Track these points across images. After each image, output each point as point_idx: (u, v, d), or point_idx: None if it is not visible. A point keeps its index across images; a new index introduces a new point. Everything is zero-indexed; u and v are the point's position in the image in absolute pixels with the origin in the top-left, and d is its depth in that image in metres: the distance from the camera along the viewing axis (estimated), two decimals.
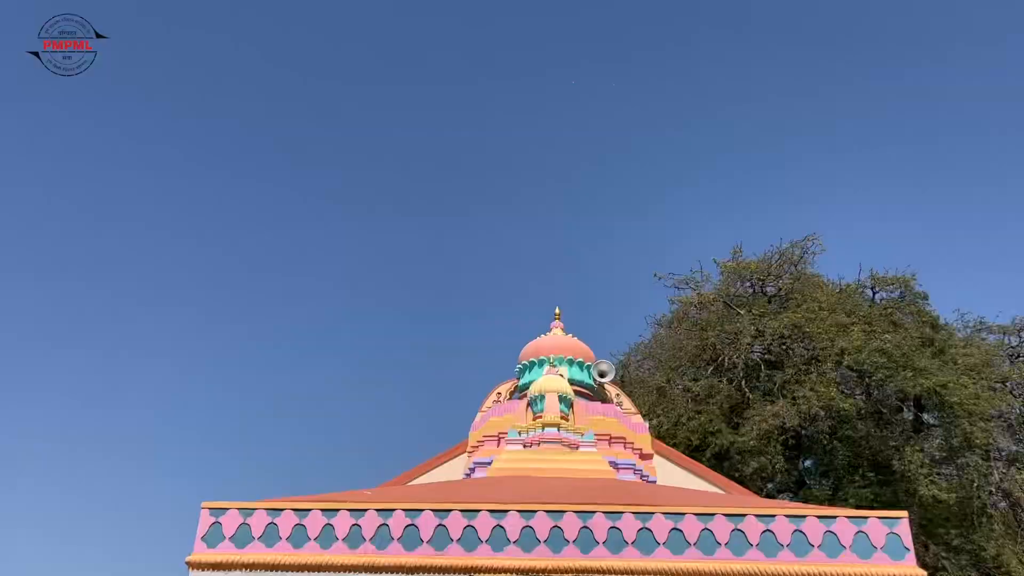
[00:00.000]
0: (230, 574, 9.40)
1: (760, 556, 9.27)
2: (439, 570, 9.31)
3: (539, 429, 13.22)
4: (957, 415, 18.41)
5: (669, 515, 9.55)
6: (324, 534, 9.60)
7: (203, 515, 9.81)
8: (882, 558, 9.18)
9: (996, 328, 22.11)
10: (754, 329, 21.57)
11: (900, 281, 21.99)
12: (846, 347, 19.76)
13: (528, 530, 9.52)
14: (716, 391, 21.43)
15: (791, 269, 23.47)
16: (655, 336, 25.04)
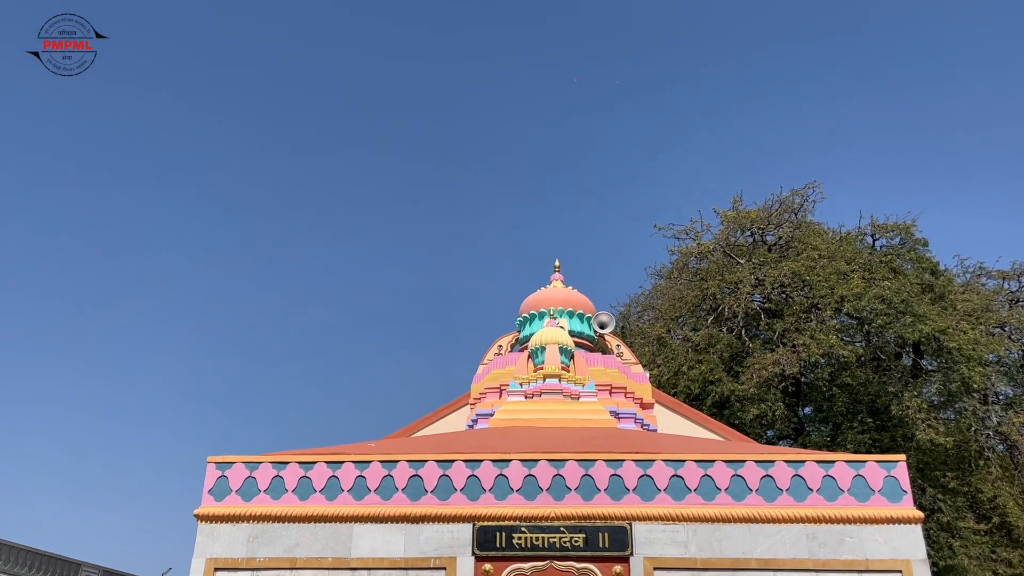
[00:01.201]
0: (238, 526, 9.56)
1: (760, 501, 9.41)
2: (443, 519, 9.46)
3: (540, 380, 13.31)
4: (956, 360, 18.50)
5: (669, 462, 9.67)
6: (329, 486, 9.73)
7: (209, 469, 9.94)
8: (880, 501, 9.31)
9: (996, 273, 22.11)
10: (754, 278, 21.58)
11: (900, 228, 21.92)
12: (846, 294, 19.78)
13: (530, 478, 9.65)
14: (716, 340, 21.52)
15: (791, 217, 23.38)
16: (655, 287, 25.07)
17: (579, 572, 9.20)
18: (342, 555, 9.35)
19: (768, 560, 9.09)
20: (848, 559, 9.03)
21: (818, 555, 9.08)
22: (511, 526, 9.37)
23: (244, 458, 9.98)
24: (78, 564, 22.23)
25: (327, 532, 9.46)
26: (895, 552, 9.03)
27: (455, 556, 9.29)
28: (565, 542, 9.29)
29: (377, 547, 9.36)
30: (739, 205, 23.72)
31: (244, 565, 9.37)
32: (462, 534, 9.39)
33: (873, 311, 19.63)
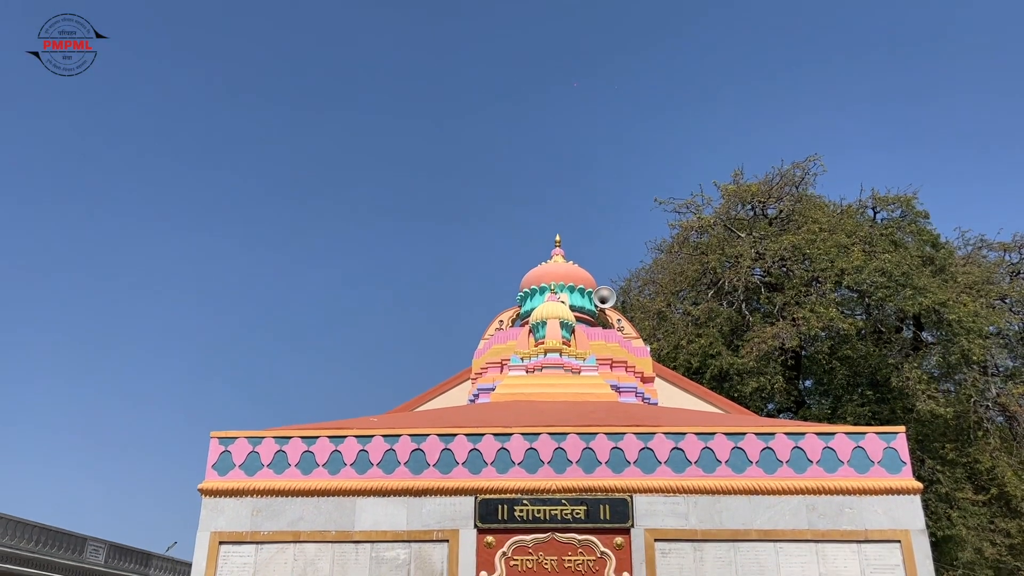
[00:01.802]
0: (241, 500, 9.64)
1: (760, 473, 9.47)
2: (446, 492, 9.53)
3: (541, 355, 13.34)
4: (956, 332, 18.53)
5: (670, 435, 9.72)
6: (332, 460, 9.80)
7: (212, 444, 10.00)
8: (879, 472, 9.38)
9: (997, 245, 22.09)
10: (754, 252, 21.55)
11: (901, 200, 21.85)
12: (846, 268, 19.76)
13: (532, 452, 9.71)
14: (716, 314, 21.55)
15: (792, 191, 23.31)
16: (655, 261, 25.05)
17: (580, 544, 9.29)
18: (345, 528, 9.43)
19: (768, 531, 9.17)
20: (847, 529, 9.12)
21: (817, 526, 9.16)
22: (513, 499, 9.45)
23: (247, 433, 10.04)
24: (84, 539, 22.43)
25: (330, 506, 9.54)
26: (894, 522, 9.11)
27: (457, 529, 9.38)
28: (566, 514, 9.37)
29: (380, 520, 9.44)
30: (740, 179, 23.65)
31: (248, 538, 9.46)
32: (464, 507, 9.47)
33: (873, 284, 19.63)
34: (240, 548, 9.45)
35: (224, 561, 9.39)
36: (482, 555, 9.29)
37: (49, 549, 20.71)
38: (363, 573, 9.26)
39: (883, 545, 9.05)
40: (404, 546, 9.36)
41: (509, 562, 9.25)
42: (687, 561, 9.15)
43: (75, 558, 21.69)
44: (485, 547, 9.32)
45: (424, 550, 9.35)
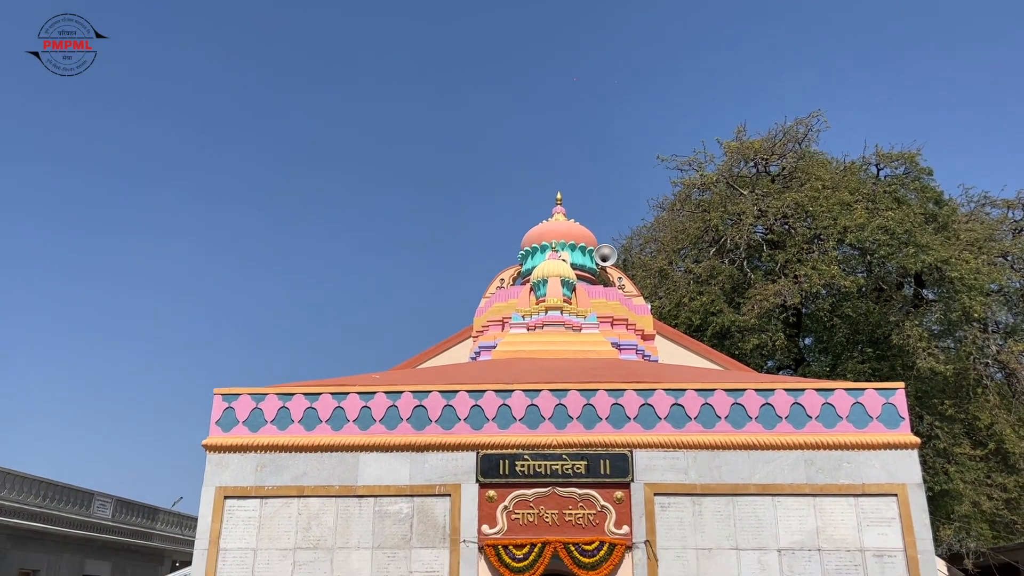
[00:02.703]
0: (245, 456, 9.74)
1: (759, 428, 9.55)
2: (448, 447, 9.63)
3: (542, 312, 13.37)
4: (957, 290, 18.51)
5: (670, 391, 9.78)
6: (335, 416, 9.88)
7: (216, 401, 10.08)
8: (878, 427, 9.46)
9: (1000, 202, 21.95)
10: (756, 209, 21.44)
11: (905, 157, 21.66)
12: (848, 225, 19.68)
13: (533, 408, 9.79)
14: (718, 272, 21.52)
15: (795, 147, 23.10)
16: (657, 219, 24.95)
17: (581, 498, 9.41)
18: (349, 483, 9.55)
19: (766, 485, 9.28)
20: (845, 483, 9.22)
21: (815, 480, 9.27)
22: (514, 454, 9.55)
23: (250, 390, 10.12)
24: (91, 494, 22.72)
25: (334, 461, 9.65)
26: (891, 476, 9.21)
27: (459, 483, 9.49)
28: (567, 469, 9.47)
29: (383, 475, 9.56)
30: (742, 135, 23.43)
31: (253, 493, 9.59)
32: (466, 462, 9.58)
33: (875, 241, 19.56)
34: (245, 503, 9.58)
35: (229, 515, 9.53)
36: (484, 509, 9.42)
37: (56, 504, 21.00)
38: (367, 526, 9.40)
39: (880, 499, 9.16)
40: (407, 500, 9.49)
41: (510, 515, 9.38)
42: (686, 515, 9.28)
43: (82, 513, 22.00)
44: (487, 501, 9.45)
45: (427, 504, 9.48)
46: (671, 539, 9.19)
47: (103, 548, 22.66)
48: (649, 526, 9.22)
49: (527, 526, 9.35)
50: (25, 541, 19.30)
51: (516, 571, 9.11)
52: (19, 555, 19.12)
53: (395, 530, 9.39)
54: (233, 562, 9.36)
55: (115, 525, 23.54)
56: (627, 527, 9.26)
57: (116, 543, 23.14)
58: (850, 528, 9.09)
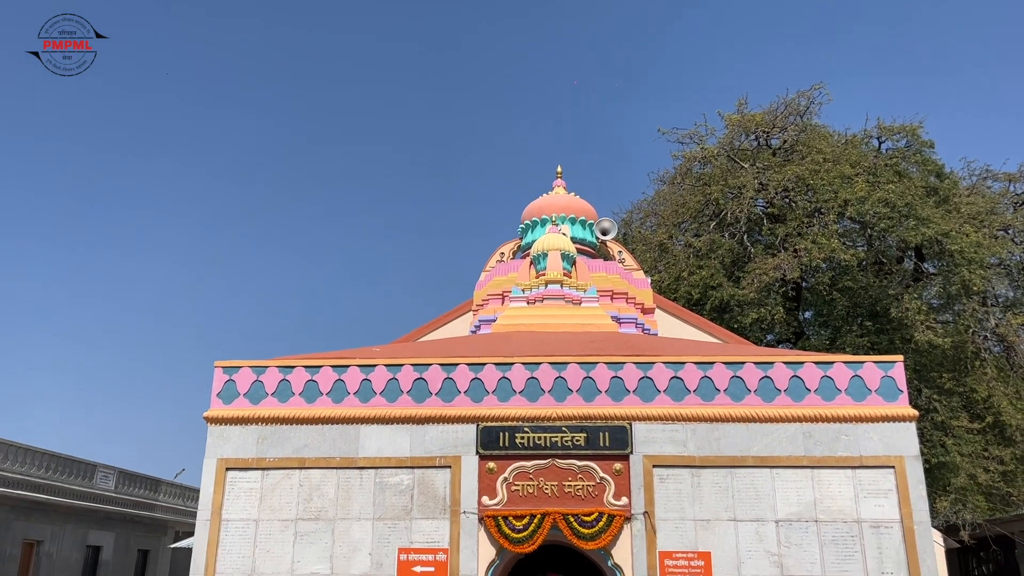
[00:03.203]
0: (247, 428, 9.80)
1: (758, 401, 9.60)
2: (448, 420, 9.68)
3: (542, 286, 13.37)
4: (957, 263, 18.49)
5: (669, 364, 9.82)
6: (336, 389, 9.93)
7: (217, 374, 10.12)
8: (876, 400, 9.50)
9: (1002, 176, 21.85)
10: (757, 183, 21.36)
11: (907, 130, 21.52)
12: (849, 198, 19.61)
13: (533, 381, 9.82)
14: (718, 246, 21.49)
15: (796, 120, 22.95)
16: (658, 193, 24.86)
17: (580, 469, 9.47)
18: (350, 455, 9.62)
19: (764, 458, 9.34)
20: (843, 456, 9.28)
21: (813, 452, 9.33)
22: (514, 426, 9.60)
23: (251, 363, 10.15)
24: (94, 465, 22.87)
25: (335, 433, 9.71)
26: (889, 449, 9.27)
27: (460, 455, 9.56)
28: (567, 441, 9.53)
29: (384, 447, 9.62)
30: (744, 108, 23.28)
31: (254, 464, 9.65)
32: (466, 434, 9.63)
33: (876, 215, 19.50)
34: (246, 474, 9.65)
35: (231, 486, 9.61)
36: (484, 480, 9.49)
37: (59, 476, 21.15)
38: (368, 497, 9.48)
39: (877, 471, 9.23)
40: (408, 472, 9.56)
41: (510, 487, 9.45)
42: (684, 486, 9.35)
43: (85, 484, 22.17)
44: (487, 473, 9.52)
45: (427, 475, 9.55)
46: (670, 510, 9.27)
47: (106, 519, 22.86)
48: (648, 497, 9.29)
49: (527, 497, 9.42)
50: (29, 512, 19.47)
51: (516, 541, 9.20)
52: (22, 525, 19.29)
53: (396, 501, 9.46)
54: (235, 532, 9.45)
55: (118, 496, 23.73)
56: (626, 498, 9.34)
57: (119, 514, 23.35)
58: (847, 499, 9.17)
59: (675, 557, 9.12)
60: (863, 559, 8.96)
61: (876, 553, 8.97)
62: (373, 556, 9.30)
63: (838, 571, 8.95)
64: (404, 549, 9.30)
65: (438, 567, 9.21)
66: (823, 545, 9.04)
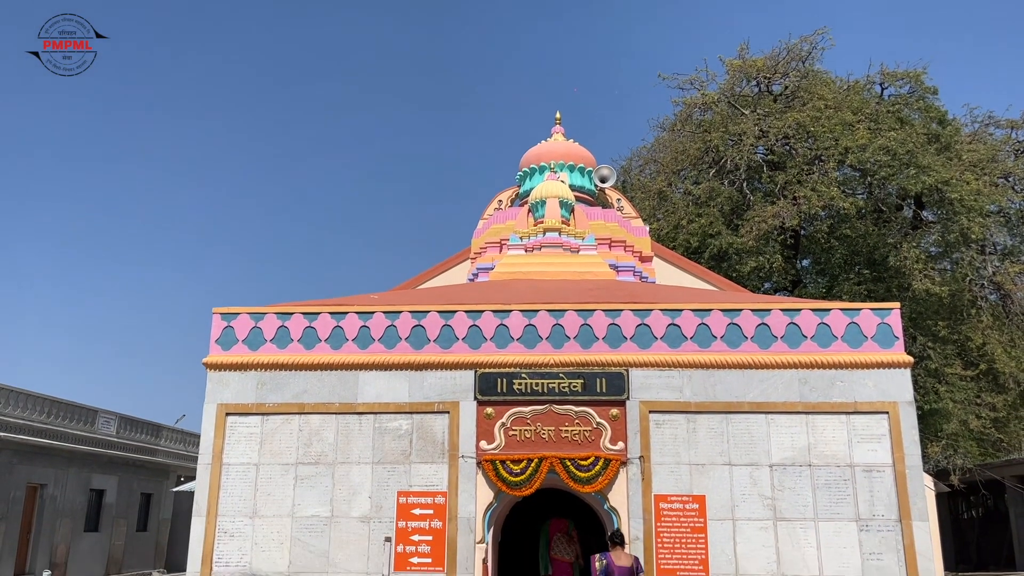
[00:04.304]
0: (246, 374, 9.85)
1: (754, 348, 9.65)
2: (446, 366, 9.73)
3: (540, 234, 13.33)
4: (956, 211, 18.43)
5: (667, 311, 9.84)
6: (334, 335, 9.96)
7: (215, 320, 10.14)
8: (872, 347, 9.55)
9: (1004, 123, 21.63)
10: (758, 129, 21.16)
11: (910, 76, 21.24)
12: (850, 146, 19.44)
13: (530, 328, 9.85)
14: (717, 193, 21.38)
15: (799, 66, 22.62)
16: (657, 139, 24.65)
17: (577, 415, 9.57)
18: (349, 400, 9.69)
19: (760, 403, 9.43)
20: (838, 402, 9.37)
21: (809, 398, 9.41)
22: (511, 372, 9.66)
23: (249, 309, 10.17)
24: (95, 411, 23.08)
25: (334, 379, 9.77)
26: (883, 395, 9.36)
27: (458, 400, 9.64)
28: (564, 387, 9.61)
29: (382, 393, 9.69)
30: (745, 53, 22.92)
31: (254, 410, 9.74)
32: (464, 380, 9.70)
33: (877, 163, 19.37)
34: (246, 419, 9.74)
35: (231, 431, 9.70)
36: (482, 425, 9.59)
37: (61, 421, 21.35)
38: (367, 442, 9.59)
39: (871, 416, 9.33)
40: (406, 417, 9.65)
41: (508, 432, 9.55)
42: (680, 431, 9.45)
43: (87, 429, 22.40)
44: (485, 418, 9.61)
45: (426, 421, 9.64)
46: (665, 455, 9.39)
47: (109, 463, 23.16)
48: (644, 442, 9.40)
49: (524, 442, 9.53)
50: (32, 456, 19.70)
51: (513, 485, 9.33)
52: (26, 469, 19.53)
53: (395, 446, 9.57)
54: (236, 476, 9.58)
55: (120, 441, 23.99)
56: (622, 443, 9.45)
57: (121, 459, 23.64)
58: (841, 444, 9.28)
59: (670, 500, 9.27)
60: (855, 502, 9.11)
61: (868, 496, 9.12)
62: (373, 499, 9.44)
63: (830, 513, 9.11)
64: (403, 492, 9.44)
65: (437, 510, 9.36)
66: (816, 488, 9.18)
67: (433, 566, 9.21)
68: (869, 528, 9.05)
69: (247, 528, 9.44)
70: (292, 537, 9.38)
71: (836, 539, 9.04)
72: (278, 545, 9.37)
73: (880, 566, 8.93)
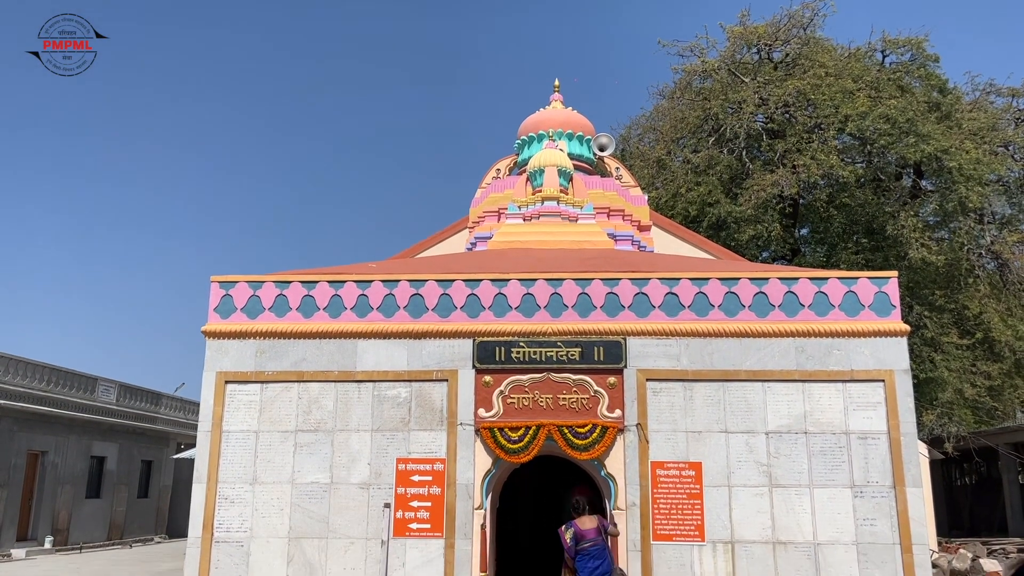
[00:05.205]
0: (245, 342, 9.88)
1: (752, 316, 9.67)
2: (445, 335, 9.76)
3: (538, 203, 13.29)
4: (955, 180, 18.41)
5: (665, 280, 9.85)
6: (332, 304, 9.97)
7: (213, 288, 10.14)
8: (869, 315, 9.58)
9: (1005, 91, 21.52)
10: (758, 97, 21.03)
11: (912, 43, 21.08)
12: (850, 114, 19.35)
13: (528, 297, 9.87)
14: (716, 162, 21.31)
15: (800, 33, 22.44)
16: (657, 108, 24.51)
17: (574, 383, 9.62)
18: (348, 368, 9.73)
19: (757, 371, 9.48)
20: (834, 370, 9.42)
21: (805, 366, 9.46)
22: (510, 341, 9.70)
23: (247, 277, 10.17)
24: (94, 379, 23.19)
25: (332, 347, 9.80)
26: (879, 363, 9.41)
27: (456, 369, 9.68)
28: (562, 356, 9.65)
29: (381, 361, 9.73)
30: (746, 20, 22.72)
31: (253, 378, 9.78)
32: (463, 349, 9.74)
33: (877, 131, 19.29)
34: (246, 387, 9.79)
35: (231, 399, 9.75)
36: (480, 393, 9.65)
37: (61, 389, 21.45)
38: (366, 410, 9.65)
39: (867, 384, 9.39)
40: (405, 385, 9.70)
41: (506, 400, 9.61)
42: (677, 399, 9.52)
43: (87, 397, 22.52)
44: (483, 386, 9.66)
45: (424, 389, 9.69)
46: (662, 422, 9.47)
47: (110, 431, 23.31)
48: (641, 410, 9.47)
49: (522, 410, 9.59)
50: (32, 424, 19.82)
51: (511, 452, 9.41)
52: (26, 437, 19.66)
53: (393, 413, 9.63)
54: (236, 443, 9.65)
55: (120, 409, 24.12)
56: (619, 411, 9.51)
57: (122, 426, 23.79)
58: (837, 412, 9.35)
59: (666, 467, 9.36)
60: (849, 469, 9.20)
61: (862, 463, 9.21)
62: (372, 466, 9.52)
63: (825, 480, 9.20)
64: (402, 459, 9.52)
65: (435, 476, 9.44)
66: (811, 456, 9.27)
67: (432, 531, 9.32)
68: (863, 494, 9.15)
69: (247, 494, 9.53)
70: (292, 503, 9.48)
71: (830, 505, 9.15)
72: (278, 511, 9.47)
73: (873, 531, 9.05)
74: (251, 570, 9.33)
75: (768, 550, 9.08)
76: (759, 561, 9.06)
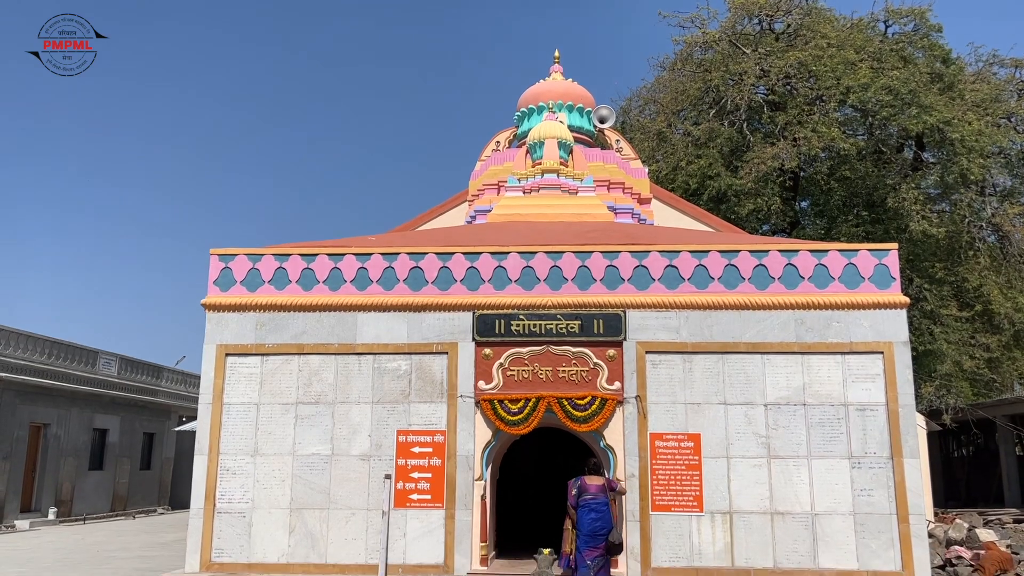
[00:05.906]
0: (245, 315, 9.89)
1: (752, 289, 9.68)
2: (444, 308, 9.77)
3: (538, 175, 13.22)
4: (957, 152, 18.29)
5: (664, 253, 9.84)
6: (332, 277, 9.97)
7: (213, 261, 10.13)
8: (868, 287, 9.59)
9: (1009, 62, 21.30)
10: (759, 69, 20.84)
11: (915, 13, 20.82)
12: (852, 85, 19.18)
13: (528, 270, 9.87)
14: (717, 134, 21.16)
15: (802, 3, 22.19)
16: (657, 79, 24.29)
17: (574, 355, 9.65)
18: (348, 341, 9.76)
19: (756, 344, 9.51)
20: (833, 342, 9.45)
21: (805, 339, 9.48)
22: (509, 314, 9.71)
23: (246, 250, 10.15)
24: (95, 352, 23.25)
25: (332, 320, 9.81)
26: (879, 335, 9.43)
27: (456, 341, 9.70)
28: (561, 328, 9.66)
29: (381, 334, 9.75)
30: None
31: (253, 350, 9.80)
32: (462, 322, 9.75)
33: (879, 102, 19.13)
34: (246, 360, 9.82)
35: (231, 372, 9.78)
36: (480, 366, 9.68)
37: (62, 362, 21.51)
38: (366, 382, 9.68)
39: (866, 356, 9.42)
40: (405, 358, 9.72)
41: (506, 372, 9.64)
42: (676, 371, 9.54)
43: (88, 370, 22.59)
44: (483, 359, 9.69)
45: (424, 361, 9.72)
46: (661, 394, 9.50)
47: (111, 403, 23.41)
48: (640, 382, 9.50)
49: (522, 382, 9.63)
50: (34, 397, 19.90)
51: (511, 424, 9.46)
52: (28, 409, 19.75)
53: (394, 386, 9.67)
54: (237, 416, 9.69)
55: (121, 382, 24.22)
56: (619, 383, 9.55)
57: (123, 399, 23.89)
58: (835, 384, 9.39)
59: (665, 439, 9.41)
60: (847, 440, 9.26)
61: (861, 435, 9.26)
62: (372, 438, 9.57)
63: (823, 451, 9.26)
64: (403, 431, 9.58)
65: (436, 448, 9.51)
66: (810, 427, 9.32)
67: (432, 502, 9.39)
68: (861, 465, 9.21)
69: (249, 466, 9.59)
70: (293, 475, 9.54)
71: (828, 476, 9.22)
72: (279, 482, 9.53)
73: (870, 501, 9.12)
74: (253, 540, 9.42)
75: (766, 520, 9.16)
76: (757, 531, 9.14)
